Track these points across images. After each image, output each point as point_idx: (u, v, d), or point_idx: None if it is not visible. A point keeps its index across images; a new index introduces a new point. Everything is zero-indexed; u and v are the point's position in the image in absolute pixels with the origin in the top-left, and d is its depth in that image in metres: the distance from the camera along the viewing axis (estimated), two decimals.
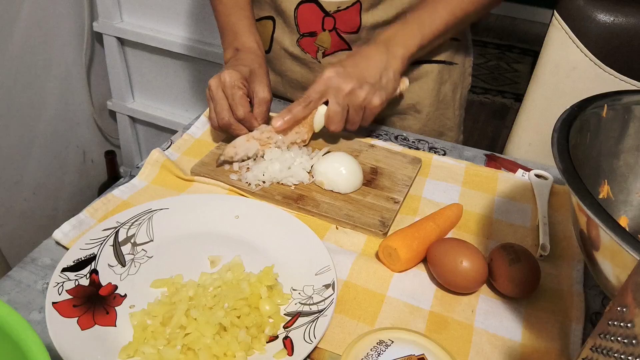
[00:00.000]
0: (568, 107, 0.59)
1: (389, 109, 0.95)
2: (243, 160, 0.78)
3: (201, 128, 0.88)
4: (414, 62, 0.85)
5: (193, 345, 0.53)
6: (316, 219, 0.72)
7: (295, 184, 0.76)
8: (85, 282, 0.60)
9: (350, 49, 0.89)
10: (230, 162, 0.78)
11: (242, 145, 0.78)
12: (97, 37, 1.81)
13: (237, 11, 0.88)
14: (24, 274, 0.62)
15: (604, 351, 0.39)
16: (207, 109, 0.91)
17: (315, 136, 0.84)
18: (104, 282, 0.61)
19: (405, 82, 0.86)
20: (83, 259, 0.62)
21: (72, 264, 0.61)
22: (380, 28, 0.87)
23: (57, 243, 0.66)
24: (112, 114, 1.98)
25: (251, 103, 0.82)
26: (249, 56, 0.85)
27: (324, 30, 0.88)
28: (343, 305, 0.60)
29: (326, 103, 0.79)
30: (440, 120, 1.00)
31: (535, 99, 1.08)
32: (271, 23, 0.93)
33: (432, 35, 0.82)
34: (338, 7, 0.85)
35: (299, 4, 0.86)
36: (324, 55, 0.90)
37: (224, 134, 0.84)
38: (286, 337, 0.56)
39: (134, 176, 0.77)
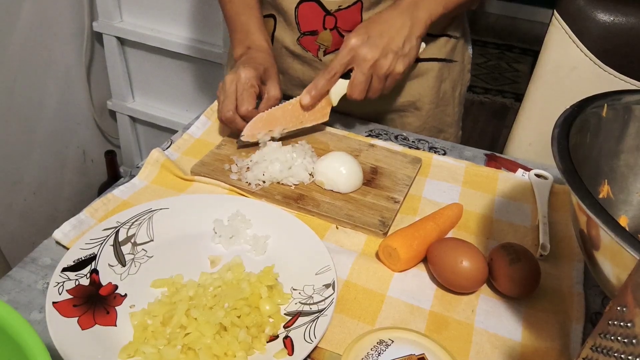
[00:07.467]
0: (568, 107, 0.59)
1: (388, 104, 0.96)
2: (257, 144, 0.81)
3: (201, 128, 0.88)
4: (417, 60, 0.85)
5: (193, 345, 0.53)
6: (316, 219, 0.72)
7: (295, 184, 0.76)
8: (85, 281, 0.60)
9: None
10: (252, 145, 0.81)
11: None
12: (97, 37, 1.81)
13: (246, 10, 0.90)
14: (24, 273, 0.62)
15: (604, 351, 0.39)
16: (208, 108, 0.91)
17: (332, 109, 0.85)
18: (104, 282, 0.61)
19: (422, 46, 0.86)
20: (83, 258, 0.62)
21: (72, 263, 0.61)
22: None
23: (57, 243, 0.66)
24: (112, 113, 1.98)
25: (260, 99, 0.83)
26: (261, 55, 0.86)
27: (325, 29, 0.88)
28: (343, 305, 0.60)
29: (346, 73, 0.81)
30: (439, 117, 1.00)
31: (535, 99, 1.08)
32: (272, 21, 0.93)
33: (455, 2, 0.83)
34: (339, 6, 0.85)
35: (300, 3, 0.86)
36: (325, 53, 0.91)
37: (229, 129, 0.85)
38: (286, 337, 0.56)
39: (134, 176, 0.77)
